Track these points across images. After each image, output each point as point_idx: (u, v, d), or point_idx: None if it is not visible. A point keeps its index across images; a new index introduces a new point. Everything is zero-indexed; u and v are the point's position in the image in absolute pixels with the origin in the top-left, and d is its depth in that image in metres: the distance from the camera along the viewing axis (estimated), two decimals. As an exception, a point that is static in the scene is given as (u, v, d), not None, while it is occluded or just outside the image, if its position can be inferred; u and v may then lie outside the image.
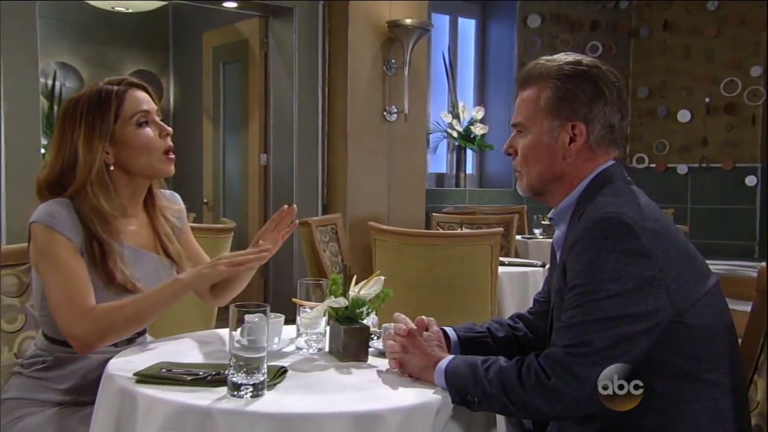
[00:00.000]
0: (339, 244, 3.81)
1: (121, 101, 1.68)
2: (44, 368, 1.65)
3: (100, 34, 6.47)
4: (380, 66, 5.32)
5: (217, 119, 5.95)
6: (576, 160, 1.46)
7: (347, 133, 5.17)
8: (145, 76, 6.74)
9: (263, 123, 5.41)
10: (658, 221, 1.35)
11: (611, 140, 1.47)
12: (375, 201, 5.30)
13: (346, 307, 1.58)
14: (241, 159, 5.71)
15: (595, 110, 1.44)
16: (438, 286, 2.72)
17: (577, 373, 1.26)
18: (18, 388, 1.65)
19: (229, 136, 5.88)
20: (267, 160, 5.41)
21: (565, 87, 1.44)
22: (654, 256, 1.29)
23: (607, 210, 1.33)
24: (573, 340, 1.29)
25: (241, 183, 5.72)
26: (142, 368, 1.41)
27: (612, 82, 1.46)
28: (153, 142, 1.70)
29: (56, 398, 1.63)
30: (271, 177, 5.39)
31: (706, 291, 1.35)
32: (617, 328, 1.27)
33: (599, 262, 1.29)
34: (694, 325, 1.31)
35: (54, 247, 1.58)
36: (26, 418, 1.59)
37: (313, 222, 3.49)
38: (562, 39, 6.76)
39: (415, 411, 1.29)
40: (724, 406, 1.35)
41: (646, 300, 1.27)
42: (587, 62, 1.48)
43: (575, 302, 1.31)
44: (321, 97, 5.26)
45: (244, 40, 5.54)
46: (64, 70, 6.35)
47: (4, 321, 1.72)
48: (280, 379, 1.41)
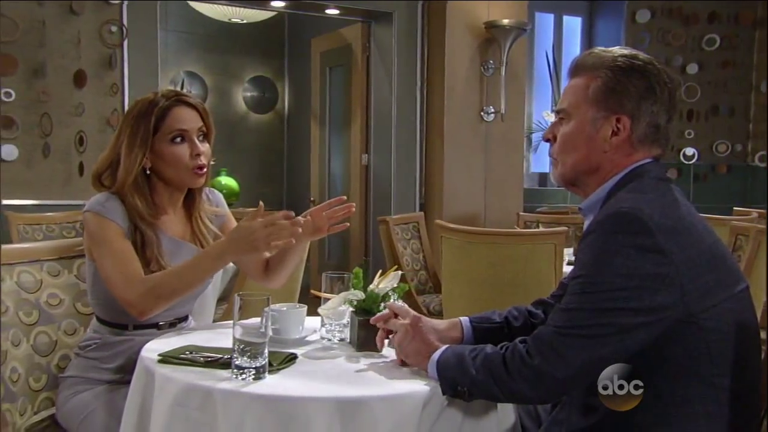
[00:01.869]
0: (421, 242, 3.85)
1: (164, 116, 1.80)
2: (95, 349, 1.83)
3: (223, 44, 6.85)
4: (477, 67, 5.31)
5: (323, 121, 6.15)
6: (615, 155, 1.41)
7: (444, 134, 5.20)
8: (263, 81, 7.08)
9: (365, 124, 5.54)
10: (681, 219, 1.30)
11: (654, 139, 1.43)
12: (471, 200, 5.29)
13: (363, 299, 1.64)
14: (344, 159, 5.87)
15: (643, 107, 1.40)
16: (500, 284, 2.71)
17: (563, 354, 1.26)
18: (75, 367, 1.84)
19: (334, 137, 6.06)
20: (368, 160, 5.54)
21: (617, 79, 1.40)
22: (669, 254, 1.25)
23: (623, 205, 1.30)
24: (566, 323, 1.28)
25: (344, 182, 5.88)
26: (169, 350, 1.54)
27: (665, 82, 1.42)
28: (182, 159, 1.80)
29: (106, 377, 1.79)
30: (372, 176, 5.51)
31: (730, 295, 1.30)
32: (613, 318, 1.25)
33: (608, 255, 1.27)
34: (710, 328, 1.26)
35: (106, 232, 1.75)
36: (80, 394, 1.77)
37: (391, 220, 3.55)
38: (674, 33, 6.43)
39: (401, 400, 1.33)
40: (728, 413, 1.29)
41: (653, 296, 1.24)
42: (643, 58, 1.43)
43: (577, 290, 1.29)
44: (419, 99, 5.32)
45: (348, 45, 5.69)
46: (191, 77, 6.77)
47: (22, 314, 1.89)
48: (288, 364, 1.49)
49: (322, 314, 1.66)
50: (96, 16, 4.54)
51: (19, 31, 4.35)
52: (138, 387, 1.50)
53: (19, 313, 1.88)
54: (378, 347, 1.58)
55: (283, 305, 1.72)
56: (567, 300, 1.31)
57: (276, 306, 1.71)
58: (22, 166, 4.42)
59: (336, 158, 6.04)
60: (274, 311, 1.68)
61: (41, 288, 1.96)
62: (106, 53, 4.56)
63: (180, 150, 1.81)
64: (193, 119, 1.84)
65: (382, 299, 1.64)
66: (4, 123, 4.37)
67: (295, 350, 1.59)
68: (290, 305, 1.73)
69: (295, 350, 1.59)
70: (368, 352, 1.60)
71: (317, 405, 1.29)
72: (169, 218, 1.88)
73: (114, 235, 1.75)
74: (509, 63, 5.22)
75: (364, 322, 1.62)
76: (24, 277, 1.93)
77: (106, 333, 1.83)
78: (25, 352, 1.87)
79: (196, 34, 6.72)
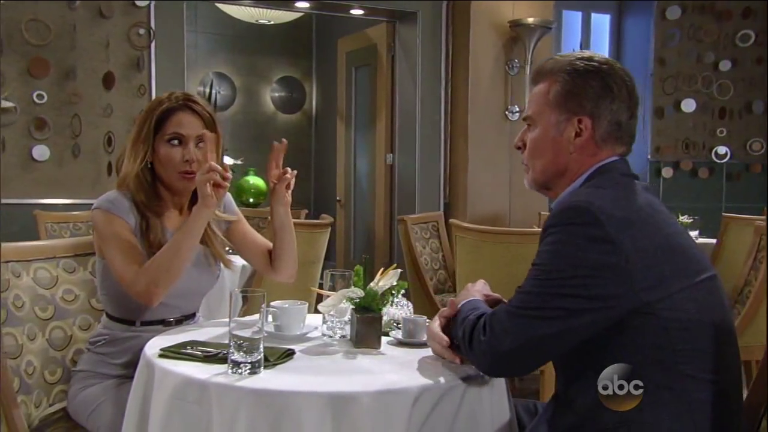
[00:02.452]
0: (440, 241, 3.86)
1: (165, 118, 1.86)
2: (104, 344, 1.88)
3: (252, 45, 6.94)
4: (502, 66, 5.29)
5: (349, 121, 6.18)
6: (580, 155, 1.46)
7: (468, 133, 5.20)
8: (291, 81, 7.16)
9: (389, 124, 5.56)
10: (636, 211, 1.34)
11: (617, 137, 1.47)
12: (496, 200, 5.28)
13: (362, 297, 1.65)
14: (369, 159, 5.90)
15: (602, 106, 1.44)
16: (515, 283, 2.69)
17: (509, 330, 1.33)
18: (86, 362, 1.89)
19: (359, 136, 6.09)
20: (393, 160, 5.56)
21: (574, 81, 1.45)
22: (620, 244, 1.28)
23: (576, 199, 1.36)
24: (518, 303, 1.35)
25: (369, 182, 5.91)
26: (171, 345, 1.58)
27: (623, 80, 1.46)
28: (173, 161, 1.85)
29: (114, 372, 1.84)
30: (396, 176, 5.53)
31: (689, 285, 1.32)
32: (561, 302, 1.30)
33: (560, 245, 1.32)
34: (667, 317, 1.29)
35: (113, 228, 1.81)
36: (89, 388, 1.82)
37: (409, 219, 3.56)
38: (706, 30, 6.32)
39: (392, 395, 1.35)
40: (700, 399, 1.31)
41: (603, 285, 1.28)
42: (599, 59, 1.48)
43: (533, 275, 1.36)
44: (443, 98, 5.33)
45: (373, 44, 5.72)
46: (220, 78, 6.87)
47: (38, 309, 1.95)
48: (285, 360, 1.52)
49: (322, 311, 1.68)
50: (124, 19, 4.64)
51: (52, 34, 4.48)
52: (140, 381, 1.54)
53: (35, 308, 1.94)
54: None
55: (285, 302, 1.75)
56: (524, 284, 1.38)
57: (278, 302, 1.74)
58: (53, 166, 4.54)
59: (361, 158, 6.07)
60: (276, 308, 1.71)
61: (57, 284, 2.02)
62: (134, 55, 4.66)
63: (173, 152, 1.86)
64: (194, 126, 1.87)
65: (381, 297, 1.65)
66: (37, 124, 4.49)
67: (295, 346, 1.62)
68: (292, 302, 1.75)
69: (294, 346, 1.62)
70: (366, 349, 1.62)
71: (309, 399, 1.31)
72: (174, 216, 1.92)
73: (121, 231, 1.80)
74: (534, 62, 5.19)
75: (363, 319, 1.64)
76: (40, 273, 1.99)
77: (115, 329, 1.88)
78: (40, 347, 1.93)
79: (225, 35, 6.81)
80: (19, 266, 1.94)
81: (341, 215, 6.24)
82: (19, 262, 1.94)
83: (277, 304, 1.73)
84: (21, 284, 1.92)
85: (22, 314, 1.89)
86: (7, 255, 1.93)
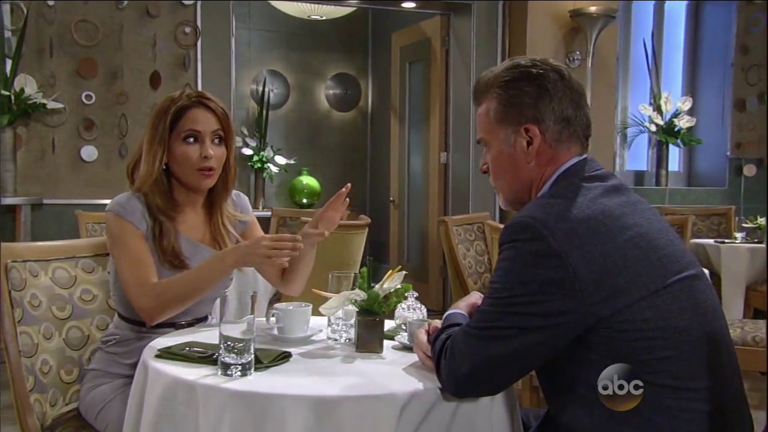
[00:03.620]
0: (486, 243, 3.83)
1: (180, 115, 1.91)
2: (115, 344, 1.96)
3: (306, 42, 7.04)
4: (562, 58, 5.22)
5: (403, 119, 6.21)
6: (538, 164, 1.48)
7: (526, 130, 5.14)
8: (346, 78, 7.23)
9: (443, 121, 5.56)
10: (585, 222, 1.33)
11: (570, 134, 1.48)
12: (556, 200, 5.20)
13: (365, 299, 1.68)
14: (423, 157, 5.91)
15: (543, 108, 1.46)
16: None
17: (465, 351, 1.35)
18: (97, 361, 1.98)
19: (413, 134, 6.11)
20: (446, 159, 5.55)
21: (507, 93, 1.48)
22: (566, 257, 1.29)
23: (520, 214, 1.38)
24: (475, 323, 1.39)
25: (423, 181, 5.92)
26: (171, 345, 1.64)
27: (557, 75, 1.47)
28: (190, 159, 1.91)
29: (124, 372, 1.92)
30: (450, 175, 5.52)
31: (653, 291, 1.31)
32: (514, 321, 1.33)
33: (509, 263, 1.36)
34: (626, 329, 1.29)
35: (123, 234, 1.88)
36: (99, 387, 1.91)
37: (451, 220, 3.56)
38: (796, 13, 6.05)
39: (379, 401, 1.36)
40: (686, 408, 1.30)
41: (553, 301, 1.30)
42: (525, 63, 1.50)
43: (488, 294, 1.40)
44: (500, 93, 5.28)
45: (427, 38, 5.73)
46: (273, 76, 7.00)
47: (56, 308, 2.04)
48: (280, 362, 1.55)
49: (323, 313, 1.71)
50: (171, 17, 4.81)
51: (100, 34, 4.68)
52: (138, 381, 1.60)
53: (53, 307, 2.04)
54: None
55: (290, 304, 1.79)
56: (482, 302, 1.42)
57: (282, 304, 1.78)
58: (101, 167, 4.75)
59: (415, 157, 6.09)
60: (279, 309, 1.75)
61: (75, 284, 2.12)
62: (180, 54, 4.82)
63: (189, 150, 1.92)
64: (209, 122, 1.94)
65: (384, 299, 1.67)
66: (86, 125, 4.71)
67: (295, 349, 1.65)
68: (296, 304, 1.79)
69: (295, 349, 1.65)
70: (367, 353, 1.64)
71: (293, 402, 1.34)
72: (188, 218, 1.98)
73: (130, 237, 1.87)
74: (597, 53, 5.11)
75: (364, 322, 1.66)
76: (59, 273, 2.09)
77: (126, 329, 1.96)
78: (56, 346, 2.03)
79: (279, 32, 6.94)
80: (38, 266, 2.04)
81: (395, 216, 6.27)
82: (38, 261, 2.05)
83: (281, 305, 1.77)
84: (38, 284, 2.02)
85: (38, 313, 1.99)
86: (26, 254, 2.04)
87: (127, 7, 4.73)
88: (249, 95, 6.90)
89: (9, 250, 1.98)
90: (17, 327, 1.93)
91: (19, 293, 1.96)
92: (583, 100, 1.48)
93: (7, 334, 1.91)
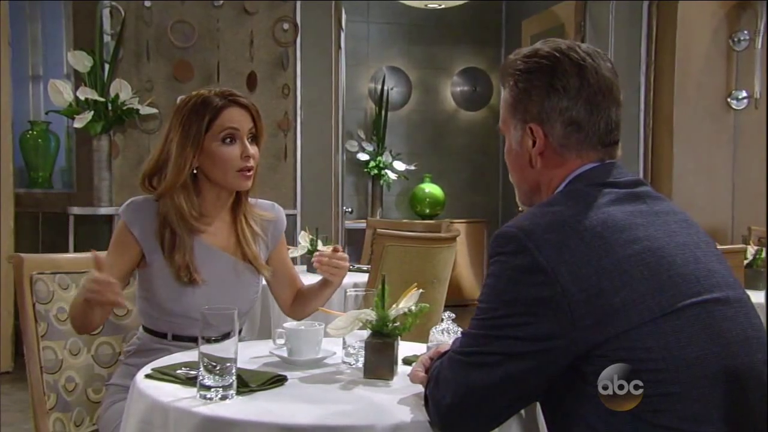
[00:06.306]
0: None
1: (216, 115, 2.00)
2: (134, 354, 2.07)
3: (430, 34, 7.11)
4: (724, 40, 4.94)
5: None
6: (546, 167, 1.43)
7: (674, 127, 4.93)
8: (474, 73, 7.22)
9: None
10: (580, 233, 1.27)
11: (581, 140, 1.40)
12: (713, 209, 4.92)
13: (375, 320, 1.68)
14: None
15: (548, 107, 1.40)
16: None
17: (449, 379, 1.34)
18: (118, 375, 2.10)
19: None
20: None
21: (518, 85, 1.44)
22: (554, 273, 1.24)
23: (509, 223, 1.34)
24: (460, 347, 1.36)
25: (556, 189, 5.79)
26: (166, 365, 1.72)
27: (575, 70, 1.39)
28: (231, 160, 2.00)
29: (141, 386, 2.03)
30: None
31: (658, 316, 1.23)
32: (499, 345, 1.29)
33: (493, 280, 1.33)
34: (625, 358, 1.22)
35: (116, 240, 2.03)
36: (117, 403, 2.01)
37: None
38: None
39: None
40: None
41: (539, 323, 1.25)
42: (544, 52, 1.42)
43: (475, 314, 1.36)
44: (643, 85, 5.08)
45: (560, 25, 5.64)
46: (393, 73, 7.11)
47: None
48: (271, 386, 1.58)
49: (331, 334, 1.72)
50: (269, 14, 5.03)
51: (196, 35, 4.98)
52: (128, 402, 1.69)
53: (83, 322, 2.20)
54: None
55: (301, 323, 1.82)
56: (469, 324, 1.38)
57: (291, 323, 1.81)
58: (196, 175, 5.03)
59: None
60: (287, 329, 1.79)
61: (110, 298, 2.27)
62: (278, 53, 5.02)
63: (230, 150, 2.01)
64: (245, 120, 2.03)
65: (394, 320, 1.66)
66: (181, 131, 5.01)
67: (300, 372, 1.68)
68: (308, 323, 1.81)
69: (299, 372, 1.68)
70: (374, 380, 1.64)
71: (257, 429, 1.37)
72: (213, 223, 2.08)
73: (116, 247, 2.02)
74: (771, 32, 4.79)
75: (372, 345, 1.66)
76: (91, 285, 2.25)
77: (147, 339, 2.07)
78: (84, 362, 2.18)
79: (399, 24, 7.06)
80: (68, 278, 2.20)
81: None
82: (69, 274, 2.21)
83: (290, 325, 1.80)
84: (67, 297, 2.17)
85: (66, 328, 2.14)
86: (60, 266, 2.21)
87: (224, 5, 5.00)
88: (366, 95, 7.06)
89: (34, 262, 2.15)
90: (40, 342, 2.09)
91: (45, 306, 2.12)
92: (606, 101, 1.40)
93: (29, 350, 2.08)
